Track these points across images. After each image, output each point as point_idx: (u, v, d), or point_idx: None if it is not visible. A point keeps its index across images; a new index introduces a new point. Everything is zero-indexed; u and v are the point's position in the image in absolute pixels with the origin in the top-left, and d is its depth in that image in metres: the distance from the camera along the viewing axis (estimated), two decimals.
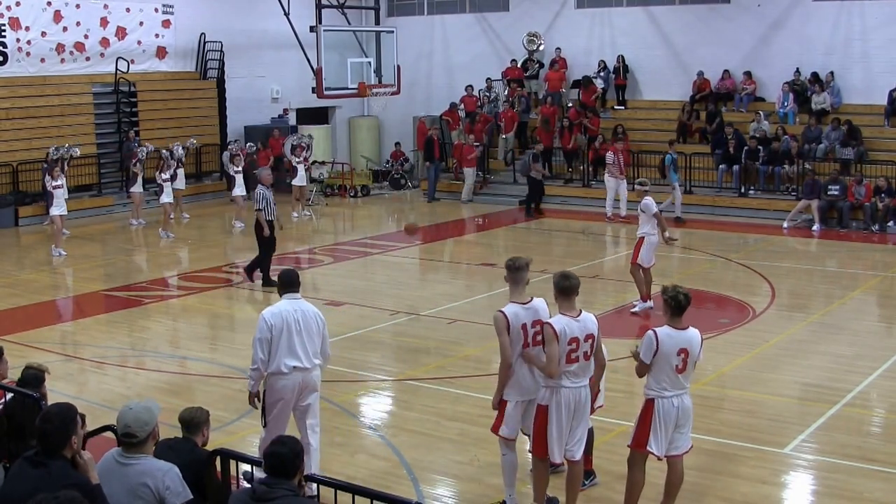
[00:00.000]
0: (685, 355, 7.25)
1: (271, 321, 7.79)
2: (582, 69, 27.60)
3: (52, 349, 12.65)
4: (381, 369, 11.96)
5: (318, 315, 8.00)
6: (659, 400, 7.30)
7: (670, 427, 7.34)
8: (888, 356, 11.97)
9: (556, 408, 7.29)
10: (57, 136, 23.65)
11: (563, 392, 7.27)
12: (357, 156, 29.88)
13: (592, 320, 7.39)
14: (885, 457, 8.89)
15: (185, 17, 26.54)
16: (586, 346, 7.26)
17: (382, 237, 21.04)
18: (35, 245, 20.84)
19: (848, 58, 24.04)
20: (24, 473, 5.12)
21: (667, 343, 7.23)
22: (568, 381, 7.26)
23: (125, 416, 5.39)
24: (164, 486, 5.22)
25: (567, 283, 7.45)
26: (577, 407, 7.34)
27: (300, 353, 7.82)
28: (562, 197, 25.16)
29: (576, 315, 7.32)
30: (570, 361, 7.22)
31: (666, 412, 7.30)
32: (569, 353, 7.20)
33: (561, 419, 7.30)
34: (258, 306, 15.44)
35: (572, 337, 7.20)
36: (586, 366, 7.34)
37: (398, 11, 30.61)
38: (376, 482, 7.88)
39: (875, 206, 20.75)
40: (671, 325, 7.32)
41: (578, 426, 7.42)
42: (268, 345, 7.76)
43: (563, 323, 7.23)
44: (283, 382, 7.82)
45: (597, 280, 16.47)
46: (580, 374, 7.31)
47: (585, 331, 7.27)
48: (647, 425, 7.33)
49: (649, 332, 7.31)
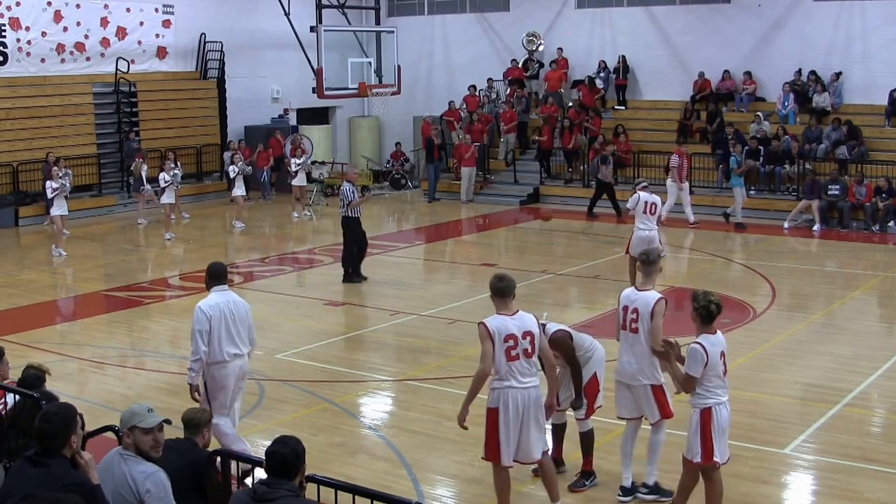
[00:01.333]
0: (724, 357, 7.28)
1: (210, 313, 8.19)
2: (582, 69, 27.62)
3: (52, 349, 12.65)
4: (382, 369, 11.96)
5: (245, 304, 8.51)
6: (716, 407, 7.20)
7: (726, 431, 7.31)
8: (889, 356, 11.96)
9: (504, 409, 7.25)
10: (57, 136, 23.69)
11: (511, 392, 7.24)
12: (357, 156, 29.88)
13: (531, 319, 7.36)
14: (886, 457, 8.88)
15: (186, 17, 26.55)
16: (525, 343, 7.22)
17: (383, 237, 21.03)
18: (35, 245, 20.85)
19: (848, 58, 24.04)
20: (24, 473, 5.12)
21: (712, 352, 7.17)
22: (515, 381, 7.23)
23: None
24: (143, 489, 5.21)
25: (500, 284, 7.44)
26: (525, 407, 7.28)
27: (237, 341, 8.31)
28: (562, 197, 25.17)
29: (511, 314, 7.31)
30: (510, 359, 7.21)
31: (722, 417, 7.24)
32: (508, 351, 7.20)
33: (509, 420, 7.25)
34: (258, 306, 15.44)
35: (508, 334, 7.20)
36: (530, 364, 7.30)
37: (398, 11, 30.62)
38: (376, 482, 7.88)
39: (875, 206, 20.75)
40: (706, 332, 7.22)
41: (531, 427, 7.33)
42: (207, 336, 8.15)
43: (497, 321, 7.27)
44: (226, 371, 8.27)
45: (597, 280, 16.46)
46: (525, 373, 7.27)
47: (523, 328, 7.25)
48: (710, 435, 7.17)
49: (696, 347, 7.11)
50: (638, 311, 7.89)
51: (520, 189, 25.84)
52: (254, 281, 16.97)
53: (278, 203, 25.55)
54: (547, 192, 25.62)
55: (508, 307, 7.37)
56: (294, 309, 14.96)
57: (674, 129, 25.44)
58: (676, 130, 25.36)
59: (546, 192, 25.62)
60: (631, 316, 7.92)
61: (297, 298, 15.61)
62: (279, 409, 10.43)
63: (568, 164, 25.84)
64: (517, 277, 16.80)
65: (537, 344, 7.30)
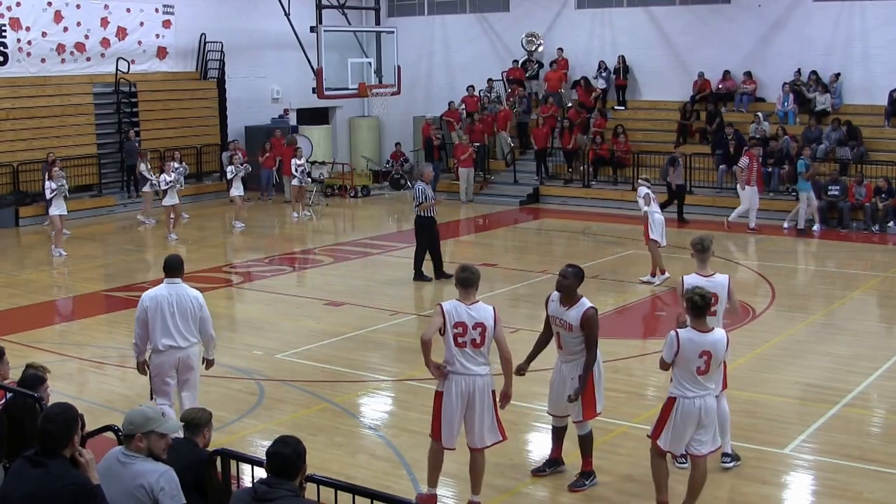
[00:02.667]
0: (708, 358, 7.27)
1: (147, 303, 8.60)
2: (582, 69, 27.63)
3: (52, 349, 12.66)
4: (382, 369, 11.97)
5: (195, 298, 8.66)
6: (681, 400, 7.35)
7: (690, 427, 7.36)
8: (888, 356, 11.97)
9: (448, 393, 7.55)
10: (58, 136, 23.69)
11: (456, 378, 7.51)
12: (357, 156, 29.89)
13: (488, 312, 7.55)
14: (886, 457, 8.89)
15: (186, 18, 26.55)
16: (475, 334, 7.46)
17: (383, 237, 21.05)
18: (35, 245, 20.85)
19: (848, 58, 24.05)
20: (23, 473, 5.12)
21: (688, 346, 7.26)
22: (460, 367, 7.49)
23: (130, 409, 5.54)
24: (158, 488, 5.22)
25: (463, 275, 7.68)
26: (471, 395, 7.53)
27: (174, 333, 8.54)
28: (562, 197, 25.19)
29: (469, 303, 7.56)
30: (458, 346, 7.48)
31: (686, 412, 7.33)
32: (455, 337, 7.47)
33: (452, 404, 7.52)
34: (258, 306, 15.47)
35: (459, 321, 7.47)
36: (478, 354, 7.51)
37: (398, 12, 30.63)
38: (376, 482, 7.88)
39: (875, 206, 20.76)
40: (695, 326, 7.32)
41: (481, 414, 7.56)
42: (143, 324, 8.60)
43: (452, 305, 7.56)
44: (161, 359, 8.64)
45: (598, 280, 16.46)
46: (471, 361, 7.49)
47: (475, 319, 7.47)
48: (664, 421, 7.43)
49: (671, 333, 7.35)
50: (716, 295, 8.18)
51: (519, 189, 25.84)
52: (254, 281, 16.97)
53: (278, 203, 25.55)
54: (547, 192, 25.62)
55: (469, 297, 7.62)
56: (294, 309, 14.97)
57: (673, 130, 25.46)
58: (676, 131, 25.39)
59: (546, 192, 25.62)
60: None
61: (297, 298, 15.61)
62: (279, 409, 10.43)
63: (568, 164, 25.84)
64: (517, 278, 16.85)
65: (488, 336, 7.51)
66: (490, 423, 7.65)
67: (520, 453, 9.12)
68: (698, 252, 8.76)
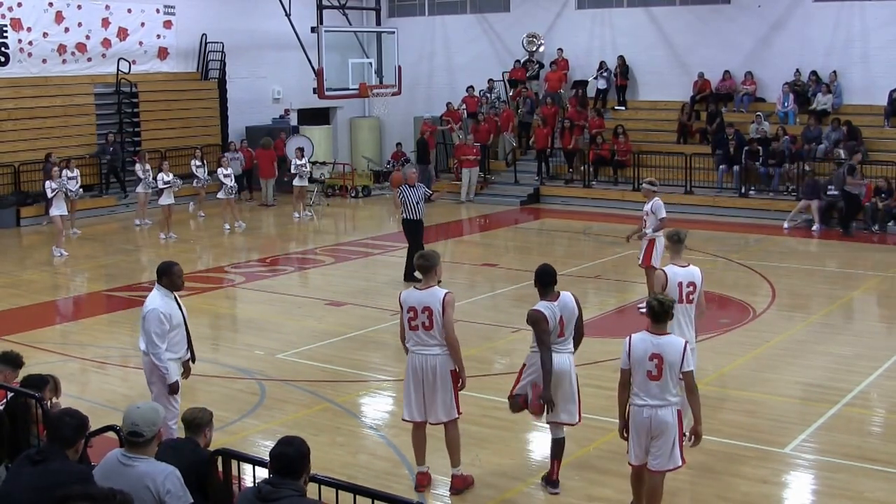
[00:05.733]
0: (659, 361, 7.00)
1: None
2: (583, 70, 27.65)
3: (54, 349, 12.68)
4: (383, 369, 11.98)
5: (146, 306, 8.44)
6: (632, 406, 7.19)
7: (643, 437, 7.16)
8: (888, 356, 11.97)
9: (407, 371, 8.14)
10: (59, 136, 23.70)
11: (412, 357, 8.06)
12: (358, 156, 29.90)
13: (436, 295, 7.88)
14: (886, 457, 8.90)
15: (187, 18, 26.57)
16: (424, 317, 7.87)
17: (383, 237, 21.05)
18: (36, 245, 20.87)
19: (848, 58, 24.06)
20: (24, 471, 5.15)
21: (638, 347, 7.08)
22: (415, 347, 8.00)
23: (132, 415, 5.32)
24: (164, 490, 5.19)
25: (419, 261, 8.18)
26: (424, 372, 7.96)
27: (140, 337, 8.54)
28: (562, 197, 25.20)
29: (423, 289, 8.00)
30: (411, 328, 7.98)
31: (636, 421, 7.15)
32: (409, 321, 7.97)
33: (409, 381, 8.08)
34: (259, 306, 15.48)
35: (410, 306, 7.94)
36: (430, 336, 7.90)
37: (399, 12, 30.64)
38: (377, 482, 7.90)
39: (875, 206, 20.76)
40: (649, 329, 7.16)
41: (436, 392, 7.96)
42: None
43: (406, 293, 8.10)
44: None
45: (598, 280, 16.48)
46: (423, 343, 7.93)
47: (423, 303, 7.87)
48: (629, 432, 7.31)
49: (626, 339, 7.22)
50: (694, 285, 8.84)
51: (520, 189, 25.85)
52: (254, 281, 16.98)
53: (279, 203, 25.56)
54: (547, 192, 25.64)
55: (426, 283, 8.06)
56: (295, 309, 14.98)
57: (674, 130, 25.48)
58: (676, 131, 25.40)
59: (546, 192, 25.63)
60: (688, 289, 8.86)
61: (298, 298, 15.63)
62: (280, 409, 10.45)
63: (568, 164, 25.85)
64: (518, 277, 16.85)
65: (436, 320, 7.86)
66: (445, 400, 7.99)
67: (520, 453, 9.14)
68: (673, 243, 9.29)
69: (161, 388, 8.45)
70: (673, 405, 7.11)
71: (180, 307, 8.52)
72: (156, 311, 8.30)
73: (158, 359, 8.31)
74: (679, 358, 7.04)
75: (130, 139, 25.67)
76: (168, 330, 8.34)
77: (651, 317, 7.15)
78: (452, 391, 8.00)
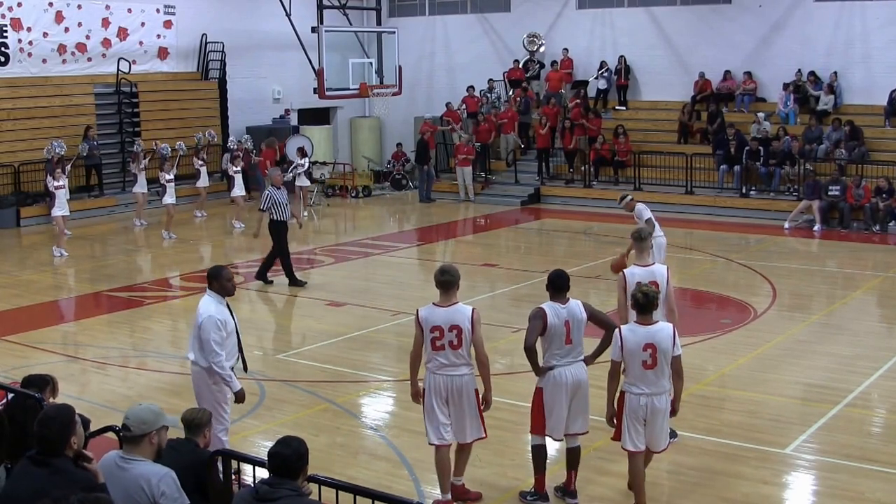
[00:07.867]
0: (653, 351, 7.31)
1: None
2: (583, 70, 27.65)
3: (54, 349, 12.68)
4: (383, 370, 11.98)
5: (199, 314, 8.04)
6: (628, 395, 7.46)
7: (640, 424, 7.45)
8: (889, 356, 11.97)
9: (428, 393, 7.70)
10: (59, 136, 23.65)
11: (434, 378, 7.64)
12: (358, 156, 29.91)
13: (464, 313, 7.54)
14: (887, 457, 8.89)
15: (187, 18, 26.56)
16: (451, 336, 7.50)
17: (384, 238, 21.05)
18: (37, 245, 20.86)
19: (849, 58, 24.05)
20: (27, 473, 5.13)
21: (630, 339, 7.37)
22: (439, 368, 7.59)
23: (129, 410, 5.42)
24: (159, 492, 5.18)
25: (441, 277, 7.67)
26: (450, 394, 7.63)
27: (190, 345, 8.17)
28: (562, 197, 25.20)
29: (447, 306, 7.57)
30: (435, 349, 7.56)
31: (633, 408, 7.43)
32: (433, 341, 7.55)
33: (434, 403, 7.65)
34: (260, 306, 15.48)
35: (434, 325, 7.52)
36: (458, 356, 7.57)
37: (399, 12, 30.64)
38: (378, 482, 7.89)
39: (876, 206, 20.76)
40: (637, 321, 7.49)
41: (462, 412, 7.67)
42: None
43: (427, 311, 7.62)
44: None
45: (599, 280, 16.47)
46: (448, 364, 7.58)
47: (450, 321, 7.50)
48: (621, 419, 7.53)
49: (616, 332, 7.49)
50: (657, 283, 8.47)
51: (521, 189, 25.85)
52: (254, 281, 16.97)
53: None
54: (548, 192, 25.63)
55: (448, 299, 7.63)
56: (295, 309, 14.98)
57: (674, 130, 25.48)
58: (677, 131, 25.40)
59: (547, 192, 25.63)
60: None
61: (297, 298, 15.62)
62: (280, 410, 10.45)
63: (569, 164, 25.85)
64: (518, 277, 16.84)
65: (464, 338, 7.52)
66: (473, 421, 7.76)
67: (521, 454, 9.13)
68: (636, 241, 9.13)
69: (212, 397, 8.02)
70: (667, 392, 7.48)
71: (232, 314, 8.19)
72: (212, 317, 7.90)
73: (220, 367, 7.88)
74: (670, 344, 7.37)
75: (131, 139, 25.64)
76: (225, 337, 7.97)
77: (637, 309, 7.46)
78: (478, 411, 7.79)
